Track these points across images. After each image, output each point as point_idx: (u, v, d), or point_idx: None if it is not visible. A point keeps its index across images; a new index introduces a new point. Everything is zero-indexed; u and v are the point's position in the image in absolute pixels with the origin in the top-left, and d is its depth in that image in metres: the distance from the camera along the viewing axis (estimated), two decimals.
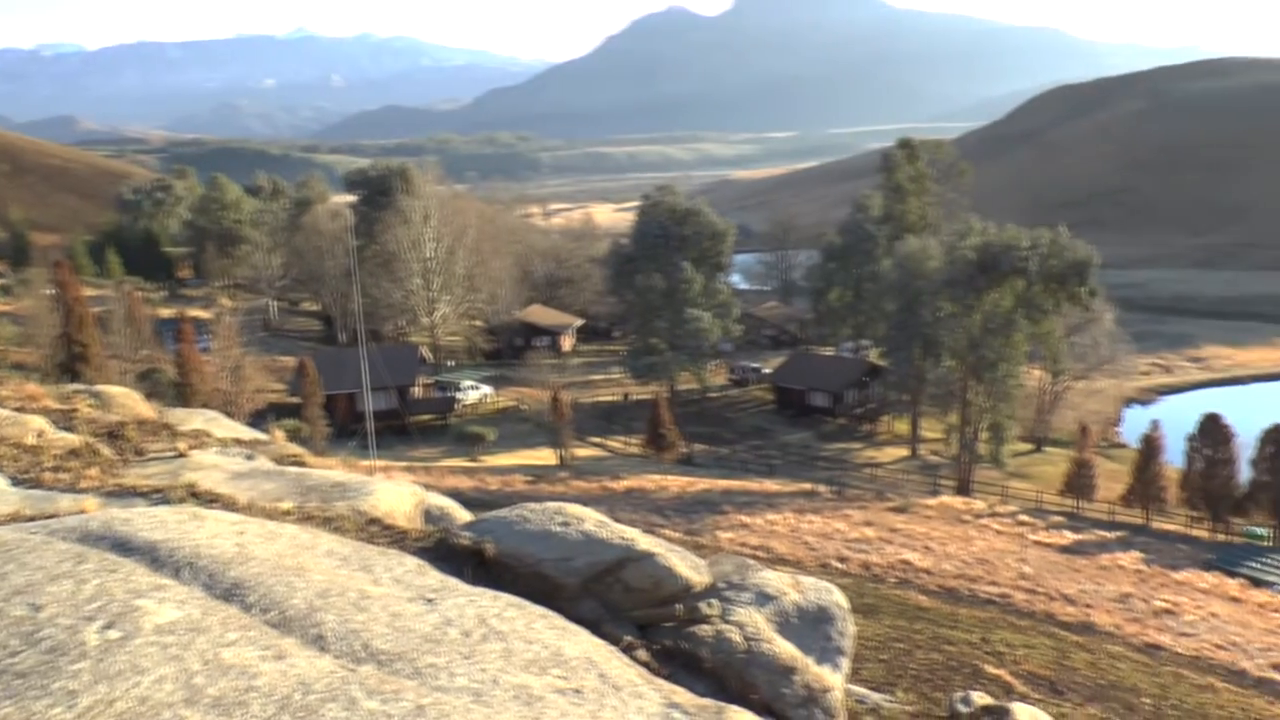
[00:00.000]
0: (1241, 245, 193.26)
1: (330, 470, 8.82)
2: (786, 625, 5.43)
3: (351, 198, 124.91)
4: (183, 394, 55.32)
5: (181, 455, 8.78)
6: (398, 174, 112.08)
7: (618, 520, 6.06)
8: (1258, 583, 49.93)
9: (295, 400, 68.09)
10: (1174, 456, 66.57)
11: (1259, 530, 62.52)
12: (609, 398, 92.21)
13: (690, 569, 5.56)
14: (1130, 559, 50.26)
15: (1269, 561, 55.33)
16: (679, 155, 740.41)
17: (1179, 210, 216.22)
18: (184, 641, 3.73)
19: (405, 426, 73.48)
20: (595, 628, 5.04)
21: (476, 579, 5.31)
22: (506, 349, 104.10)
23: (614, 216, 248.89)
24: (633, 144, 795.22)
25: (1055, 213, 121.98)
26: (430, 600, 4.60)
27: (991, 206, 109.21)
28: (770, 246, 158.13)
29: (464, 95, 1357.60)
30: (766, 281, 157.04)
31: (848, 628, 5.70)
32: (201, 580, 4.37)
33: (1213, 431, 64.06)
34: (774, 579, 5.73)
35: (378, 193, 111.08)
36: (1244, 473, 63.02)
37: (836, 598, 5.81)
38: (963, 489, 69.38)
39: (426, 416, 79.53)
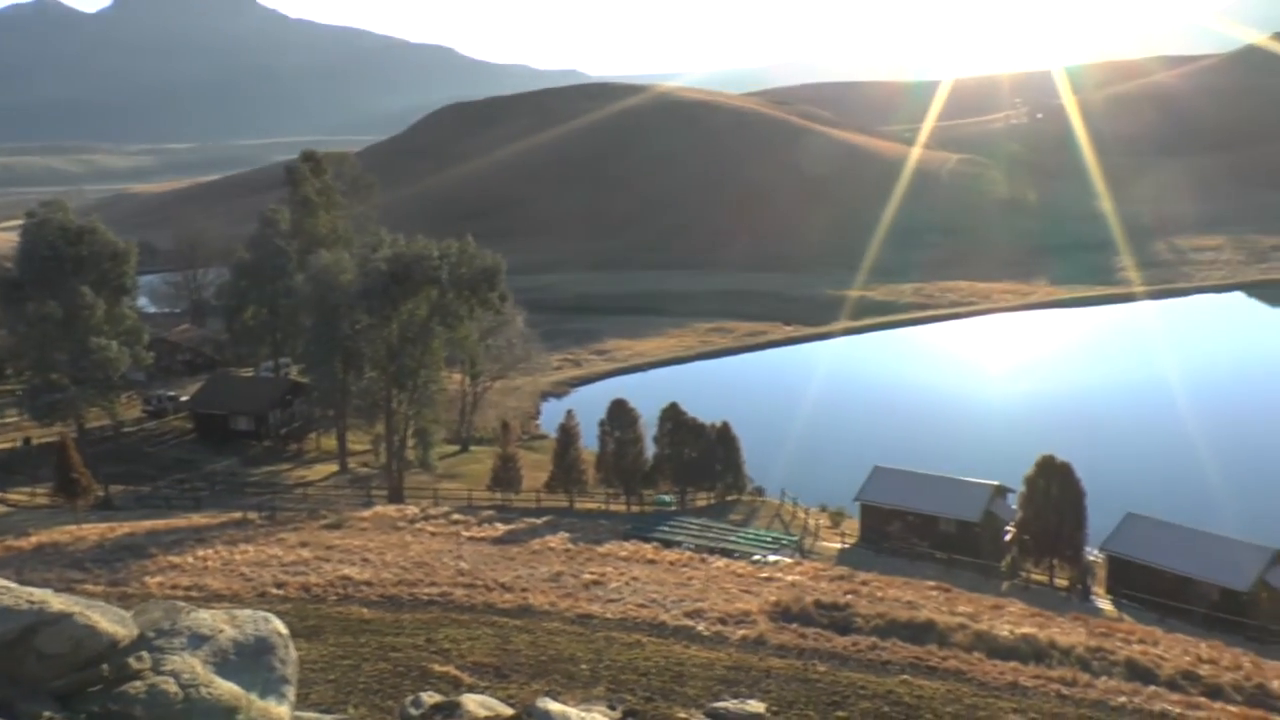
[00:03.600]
0: (627, 249, 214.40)
1: None
2: (226, 664, 5.28)
3: None
4: None
5: None
6: None
7: (27, 582, 5.53)
8: (668, 544, 56.35)
9: None
10: (590, 441, 72.90)
11: (666, 497, 70.74)
12: (8, 444, 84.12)
13: (114, 623, 5.21)
14: (559, 540, 54.16)
15: (676, 524, 62.61)
16: (67, 168, 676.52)
17: (573, 219, 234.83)
18: None
19: None
20: (7, 710, 4.58)
21: None
22: None
23: None
24: (9, 154, 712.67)
25: (461, 223, 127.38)
26: None
27: (400, 219, 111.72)
28: (178, 265, 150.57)
29: None
30: (177, 303, 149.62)
31: (290, 654, 5.66)
32: None
33: (620, 415, 71.25)
34: (208, 618, 5.55)
35: None
36: (650, 449, 70.82)
37: (275, 626, 5.75)
38: (395, 497, 70.57)
39: None
